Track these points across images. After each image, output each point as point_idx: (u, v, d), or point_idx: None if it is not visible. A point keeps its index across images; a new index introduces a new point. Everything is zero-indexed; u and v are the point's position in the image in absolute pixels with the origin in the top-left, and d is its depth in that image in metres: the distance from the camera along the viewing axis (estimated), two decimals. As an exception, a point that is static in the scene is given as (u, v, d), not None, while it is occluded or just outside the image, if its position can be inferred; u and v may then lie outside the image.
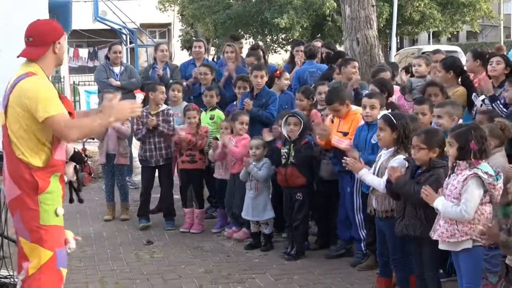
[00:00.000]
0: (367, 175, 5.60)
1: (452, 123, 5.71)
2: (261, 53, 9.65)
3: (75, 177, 4.73)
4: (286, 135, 6.98)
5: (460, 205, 4.59)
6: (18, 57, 4.39)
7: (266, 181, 7.27)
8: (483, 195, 4.63)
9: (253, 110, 7.85)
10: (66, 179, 4.58)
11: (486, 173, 4.58)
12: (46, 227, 4.34)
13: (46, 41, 4.36)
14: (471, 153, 4.60)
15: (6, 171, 4.40)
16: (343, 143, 6.42)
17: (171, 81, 9.37)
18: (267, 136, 7.24)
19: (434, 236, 4.80)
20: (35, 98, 4.19)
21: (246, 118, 7.66)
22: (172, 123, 8.20)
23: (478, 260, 4.77)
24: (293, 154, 6.89)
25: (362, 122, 6.43)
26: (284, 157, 6.99)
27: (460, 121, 6.03)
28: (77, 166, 4.74)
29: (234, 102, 8.48)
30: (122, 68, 10.38)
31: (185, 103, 8.54)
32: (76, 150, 4.75)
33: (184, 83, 9.08)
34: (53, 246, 4.38)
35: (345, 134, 6.57)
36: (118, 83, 10.09)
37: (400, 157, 5.36)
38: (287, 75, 8.57)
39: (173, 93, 8.68)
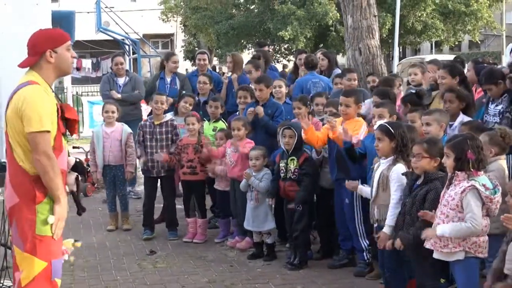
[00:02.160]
0: (362, 189, 5.69)
1: (440, 130, 5.77)
2: (262, 62, 9.60)
3: (76, 188, 4.65)
4: (283, 148, 6.98)
5: (467, 220, 4.57)
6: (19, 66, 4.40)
7: (267, 191, 7.23)
8: (481, 208, 4.62)
9: (264, 117, 7.79)
10: (67, 189, 4.52)
11: (484, 185, 4.58)
12: (41, 237, 4.25)
13: (36, 51, 4.31)
14: (468, 163, 4.61)
15: (8, 178, 4.36)
16: (353, 138, 6.16)
17: (184, 92, 9.41)
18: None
19: (427, 245, 4.81)
20: (26, 108, 4.14)
21: (239, 123, 7.57)
22: (179, 135, 8.25)
23: (472, 271, 4.76)
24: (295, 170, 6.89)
25: (365, 130, 6.44)
26: (282, 171, 6.98)
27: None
28: (79, 176, 4.70)
29: (237, 112, 8.47)
30: (127, 78, 10.39)
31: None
32: (78, 160, 4.71)
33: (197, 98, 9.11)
34: (48, 256, 4.28)
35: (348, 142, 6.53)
36: (119, 96, 10.10)
37: (400, 167, 5.38)
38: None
39: (185, 105, 8.67)
